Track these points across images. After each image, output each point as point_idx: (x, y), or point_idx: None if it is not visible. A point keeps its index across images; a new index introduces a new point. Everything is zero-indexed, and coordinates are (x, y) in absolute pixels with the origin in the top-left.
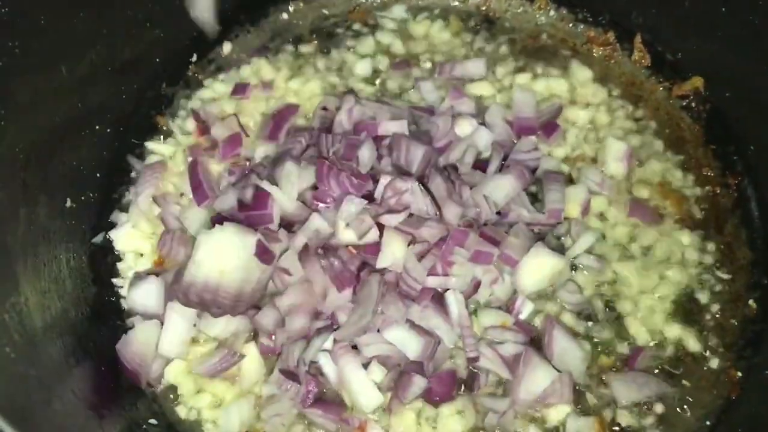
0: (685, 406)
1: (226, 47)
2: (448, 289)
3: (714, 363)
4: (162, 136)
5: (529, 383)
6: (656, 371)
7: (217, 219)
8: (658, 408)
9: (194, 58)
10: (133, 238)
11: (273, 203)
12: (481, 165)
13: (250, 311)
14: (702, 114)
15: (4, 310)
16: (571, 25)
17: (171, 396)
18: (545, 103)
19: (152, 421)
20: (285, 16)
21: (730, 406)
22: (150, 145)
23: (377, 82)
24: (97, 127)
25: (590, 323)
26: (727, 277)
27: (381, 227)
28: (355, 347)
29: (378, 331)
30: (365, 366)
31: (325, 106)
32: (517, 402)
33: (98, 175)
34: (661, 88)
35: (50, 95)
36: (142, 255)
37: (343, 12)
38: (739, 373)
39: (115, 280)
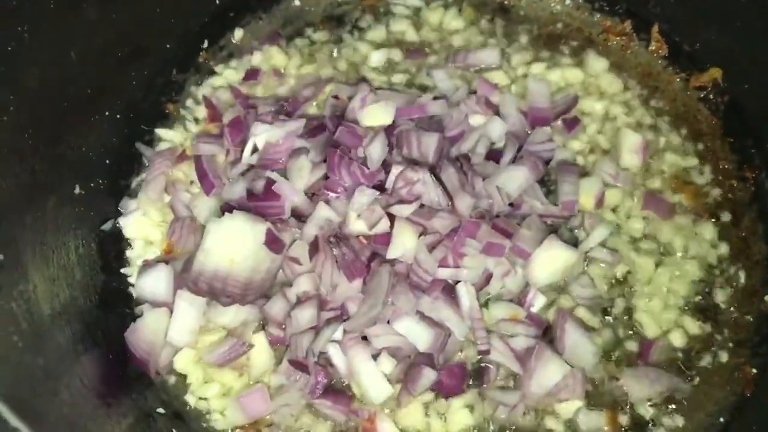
0: (698, 403)
1: (238, 34)
2: (459, 281)
3: (728, 359)
4: (172, 123)
5: (541, 377)
6: (669, 367)
7: (227, 207)
8: (671, 403)
9: (205, 45)
10: (142, 225)
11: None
12: (493, 155)
13: (259, 301)
14: (720, 106)
15: (12, 298)
16: (587, 14)
17: (179, 385)
18: (560, 94)
19: (160, 410)
20: (297, 2)
21: (745, 403)
22: (160, 132)
23: (390, 70)
24: (106, 114)
25: (603, 317)
26: (742, 273)
27: (392, 218)
28: (364, 338)
29: (388, 322)
30: (375, 357)
31: (337, 94)
32: (527, 396)
33: (107, 161)
34: (678, 79)
35: (59, 81)
36: (151, 243)
37: None
38: (754, 370)
39: (124, 269)
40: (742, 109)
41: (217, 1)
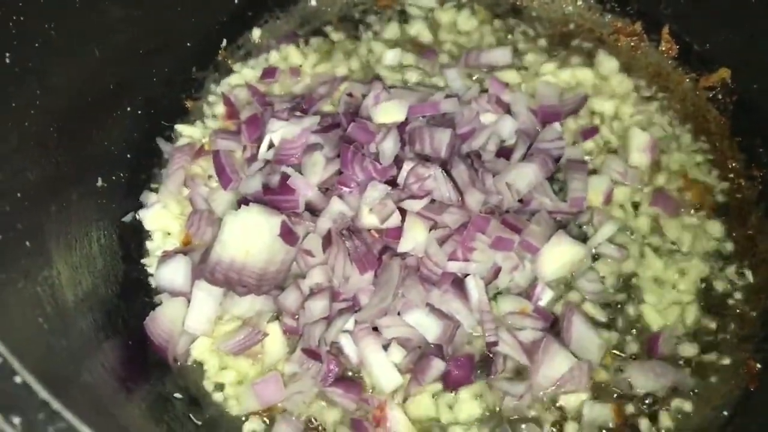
0: (703, 397)
1: (256, 33)
2: (468, 275)
3: (733, 354)
4: (191, 120)
5: (548, 369)
6: (674, 361)
7: (244, 201)
8: (676, 397)
9: (224, 43)
10: (162, 217)
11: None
12: (504, 152)
13: (273, 291)
14: (728, 106)
15: (37, 283)
16: (598, 15)
17: (196, 372)
18: (570, 93)
19: (177, 395)
20: (314, 2)
21: (749, 398)
22: (179, 127)
23: (403, 68)
24: (128, 109)
25: (609, 311)
26: (749, 270)
27: (403, 212)
28: (375, 329)
29: (398, 313)
30: (385, 347)
31: (351, 92)
32: (534, 387)
33: (128, 156)
34: (687, 80)
35: (83, 76)
36: (170, 234)
37: None
38: (759, 365)
39: (143, 259)
40: (750, 108)
41: (236, 1)
